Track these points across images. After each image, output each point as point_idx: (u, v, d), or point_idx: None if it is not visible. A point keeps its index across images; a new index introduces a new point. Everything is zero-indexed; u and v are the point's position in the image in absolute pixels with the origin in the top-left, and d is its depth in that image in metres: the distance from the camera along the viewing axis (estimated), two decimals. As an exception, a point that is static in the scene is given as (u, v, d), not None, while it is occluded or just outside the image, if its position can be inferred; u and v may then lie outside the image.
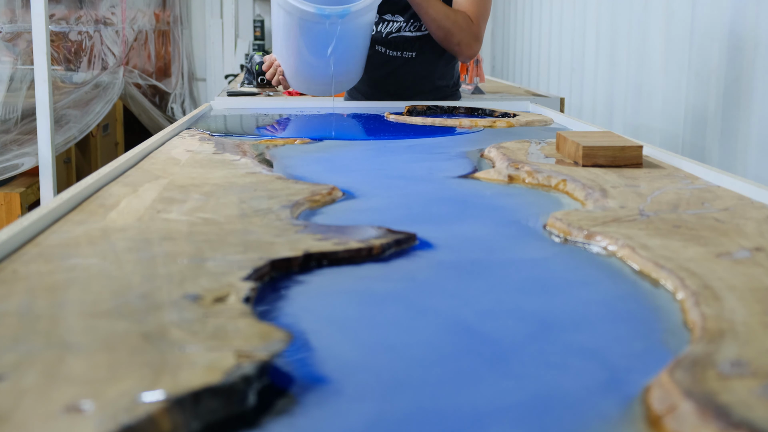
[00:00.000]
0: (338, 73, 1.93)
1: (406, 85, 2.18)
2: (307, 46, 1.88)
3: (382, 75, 2.18)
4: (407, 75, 2.16)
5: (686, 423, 0.43)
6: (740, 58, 2.42)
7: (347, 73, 2.00)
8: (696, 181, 1.07)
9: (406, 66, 2.16)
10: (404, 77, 2.17)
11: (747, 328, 0.55)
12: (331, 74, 1.89)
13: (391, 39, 2.14)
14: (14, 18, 3.36)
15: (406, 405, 0.47)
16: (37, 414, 0.42)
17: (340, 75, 1.96)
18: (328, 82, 1.97)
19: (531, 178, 1.12)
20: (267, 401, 0.47)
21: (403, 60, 2.15)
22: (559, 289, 0.68)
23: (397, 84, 2.18)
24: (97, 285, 0.63)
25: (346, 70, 1.97)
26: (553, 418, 0.45)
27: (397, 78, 2.17)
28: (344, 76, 2.00)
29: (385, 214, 0.95)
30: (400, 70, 2.16)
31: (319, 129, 1.80)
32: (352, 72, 2.02)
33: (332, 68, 1.87)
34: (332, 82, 1.96)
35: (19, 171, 3.14)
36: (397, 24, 2.14)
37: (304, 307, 0.63)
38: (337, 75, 1.93)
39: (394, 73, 2.17)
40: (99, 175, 1.01)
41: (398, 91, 2.18)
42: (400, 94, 2.18)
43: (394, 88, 2.18)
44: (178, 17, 6.02)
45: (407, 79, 2.17)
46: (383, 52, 2.16)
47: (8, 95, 3.18)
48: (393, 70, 2.16)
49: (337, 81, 1.98)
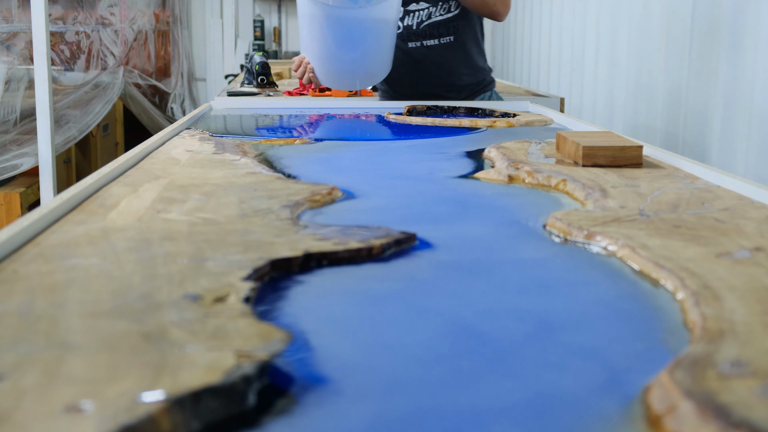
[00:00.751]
0: (367, 66, 1.93)
1: (449, 72, 2.16)
2: (334, 39, 1.88)
3: (424, 68, 2.15)
4: (448, 60, 2.14)
5: (686, 423, 0.43)
6: (740, 58, 2.42)
7: (376, 65, 1.99)
8: (696, 181, 1.07)
9: (445, 52, 2.14)
10: (446, 64, 2.15)
11: (747, 328, 0.55)
12: (342, 65, 1.92)
13: (424, 28, 2.11)
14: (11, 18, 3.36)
15: (406, 405, 0.47)
16: (37, 414, 0.42)
17: (369, 67, 1.96)
18: (357, 76, 1.97)
19: (531, 178, 1.12)
20: (267, 401, 0.47)
21: (442, 46, 2.13)
22: (559, 289, 0.68)
23: (441, 73, 2.15)
24: (97, 285, 0.63)
25: (374, 62, 1.96)
26: (553, 418, 0.45)
27: (439, 66, 2.15)
28: (373, 68, 1.99)
29: (385, 214, 0.95)
30: (440, 58, 2.14)
31: (320, 129, 1.81)
32: (380, 65, 2.00)
33: (346, 59, 1.88)
34: (361, 75, 1.96)
35: (18, 171, 3.14)
36: (426, 11, 2.11)
37: (304, 307, 0.63)
38: (365, 68, 1.93)
39: (435, 62, 2.14)
40: (99, 175, 1.01)
41: (442, 81, 2.16)
42: (445, 84, 2.16)
43: (438, 79, 2.16)
44: (178, 17, 6.02)
45: (450, 66, 2.15)
46: (420, 45, 2.14)
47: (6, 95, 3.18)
48: (434, 59, 2.14)
49: (366, 73, 1.98)
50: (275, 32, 6.55)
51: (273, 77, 2.59)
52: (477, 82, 2.23)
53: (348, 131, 1.81)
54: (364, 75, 1.99)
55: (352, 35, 1.84)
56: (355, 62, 1.92)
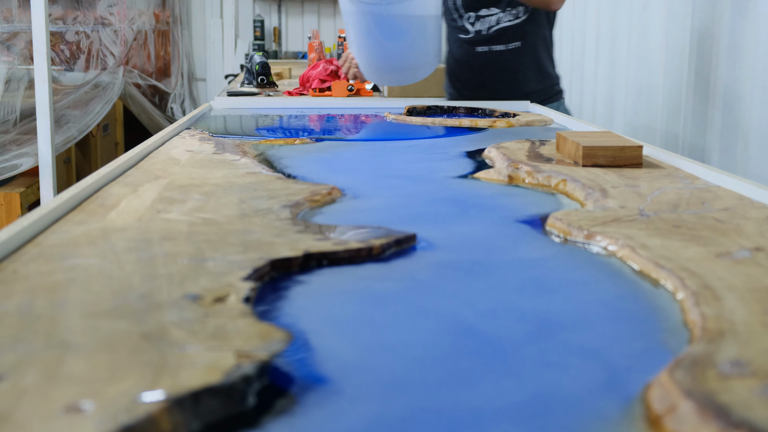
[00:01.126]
0: (409, 62, 1.94)
1: (517, 78, 2.17)
2: (374, 35, 1.88)
3: (493, 73, 2.18)
4: (516, 66, 2.16)
5: (686, 423, 0.43)
6: (740, 58, 2.42)
7: (418, 61, 1.99)
8: (696, 181, 1.07)
9: (513, 57, 2.15)
10: (513, 69, 2.16)
11: (747, 328, 0.55)
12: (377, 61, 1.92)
13: (493, 33, 2.14)
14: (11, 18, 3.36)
15: (406, 405, 0.47)
16: (37, 414, 0.42)
17: (411, 63, 1.96)
18: (399, 72, 1.98)
19: (531, 178, 1.12)
20: (267, 401, 0.47)
21: (510, 51, 2.15)
22: (559, 289, 0.68)
23: (509, 78, 2.17)
24: (97, 285, 0.63)
25: (416, 58, 1.96)
26: (553, 418, 0.45)
27: (507, 71, 2.17)
28: (415, 64, 1.99)
29: (385, 214, 0.95)
30: (508, 63, 2.16)
31: (320, 129, 1.81)
32: (423, 61, 2.00)
33: (387, 55, 1.87)
34: (404, 71, 1.97)
35: (18, 171, 3.13)
36: (495, 16, 2.14)
37: (304, 307, 0.63)
38: (407, 64, 1.94)
39: (503, 67, 2.16)
40: (99, 175, 1.01)
41: (509, 86, 2.17)
42: (512, 89, 2.17)
43: (504, 84, 2.18)
44: (178, 17, 6.02)
45: (517, 71, 2.17)
46: (487, 51, 2.16)
47: (6, 95, 3.18)
48: (501, 64, 2.16)
49: (409, 69, 1.98)
50: (275, 32, 6.55)
51: (273, 77, 2.59)
52: (544, 88, 2.24)
53: (348, 131, 1.81)
54: (408, 71, 1.99)
55: (391, 32, 1.84)
56: (397, 58, 1.93)
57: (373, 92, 2.37)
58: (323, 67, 2.41)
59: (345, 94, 2.27)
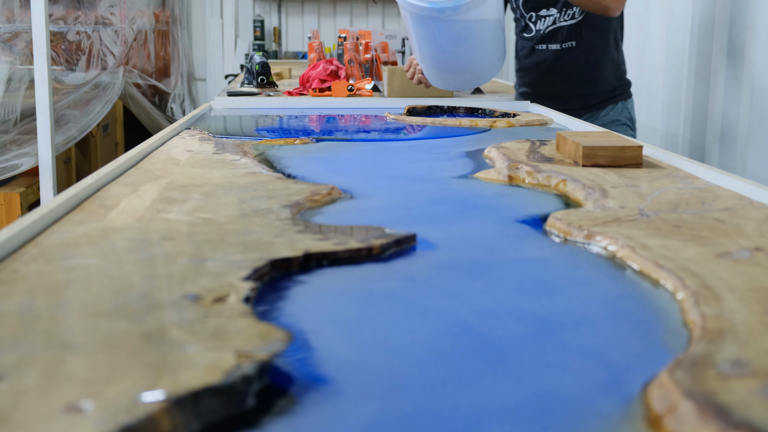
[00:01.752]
0: (471, 67, 1.95)
1: (571, 77, 2.19)
2: (432, 41, 1.88)
3: (545, 70, 2.21)
4: (571, 66, 2.17)
5: (686, 423, 0.43)
6: (740, 58, 2.42)
7: (479, 66, 2.00)
8: (696, 181, 1.07)
9: (567, 57, 2.17)
10: (568, 68, 2.18)
11: (747, 328, 0.55)
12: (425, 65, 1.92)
13: (549, 32, 2.17)
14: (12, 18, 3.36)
15: (406, 405, 0.47)
16: (37, 414, 0.42)
17: (473, 68, 1.97)
18: (461, 77, 2.00)
19: (531, 178, 1.12)
20: (267, 401, 0.47)
21: (564, 51, 2.17)
22: (559, 289, 0.68)
23: (563, 76, 2.19)
24: (97, 285, 0.63)
25: (477, 63, 1.97)
26: (553, 418, 0.45)
27: (562, 70, 2.19)
28: (477, 69, 2.00)
29: (385, 214, 0.95)
30: (562, 62, 2.18)
31: (320, 129, 1.81)
32: (484, 65, 2.01)
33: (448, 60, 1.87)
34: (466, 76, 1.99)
35: (18, 171, 3.13)
36: (552, 17, 2.17)
37: (304, 307, 0.63)
38: (469, 69, 1.95)
39: (557, 66, 2.19)
40: (99, 175, 1.01)
41: (564, 85, 2.20)
42: (567, 88, 2.19)
43: (561, 82, 2.20)
44: (178, 17, 6.02)
45: (572, 70, 2.18)
46: (544, 48, 2.19)
47: (7, 95, 3.18)
48: (555, 63, 2.19)
49: (472, 74, 1.99)
50: (275, 32, 6.55)
51: (273, 77, 2.59)
52: (601, 91, 2.22)
53: (348, 131, 1.81)
54: (471, 74, 2.01)
55: (452, 37, 1.84)
56: (459, 62, 1.94)
57: (373, 92, 2.36)
58: (323, 67, 2.41)
59: (345, 94, 2.27)
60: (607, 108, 2.23)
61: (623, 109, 2.25)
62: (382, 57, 3.29)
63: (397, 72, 2.34)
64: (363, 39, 3.04)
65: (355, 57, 2.56)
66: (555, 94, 2.21)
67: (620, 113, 2.25)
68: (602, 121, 2.21)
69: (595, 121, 2.18)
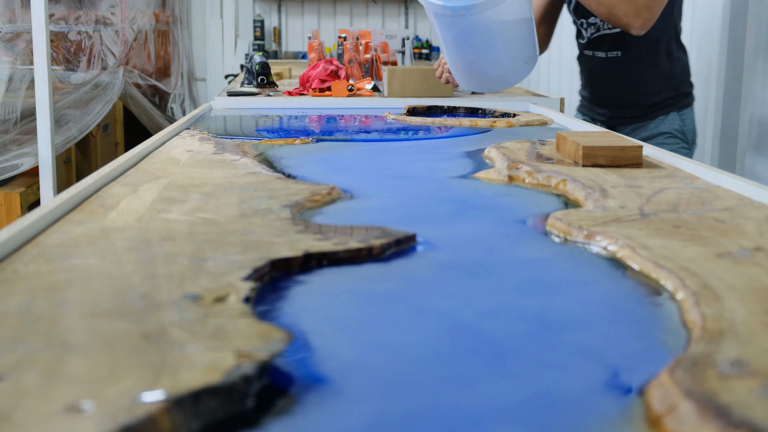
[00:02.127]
0: (495, 70, 1.90)
1: (618, 87, 2.13)
2: (454, 43, 1.84)
3: (594, 77, 2.17)
4: (617, 75, 2.11)
5: (686, 423, 0.43)
6: (740, 58, 2.42)
7: (505, 68, 1.94)
8: (696, 181, 1.07)
9: (613, 66, 2.11)
10: (614, 78, 2.12)
11: (747, 328, 0.55)
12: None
13: (595, 39, 2.12)
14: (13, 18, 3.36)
15: (406, 405, 0.47)
16: (37, 414, 0.42)
17: (497, 72, 1.92)
18: (486, 79, 1.95)
19: (531, 178, 1.12)
20: (267, 401, 0.47)
21: (609, 60, 2.11)
22: (559, 289, 0.68)
23: (609, 85, 2.14)
24: (97, 285, 0.63)
25: (504, 66, 1.92)
26: (553, 418, 0.45)
27: (608, 79, 2.14)
28: (501, 72, 1.94)
29: (385, 214, 0.95)
30: (608, 71, 2.12)
31: (320, 129, 1.81)
32: (512, 68, 1.95)
33: (470, 62, 1.82)
34: (490, 78, 1.94)
35: (18, 171, 3.13)
36: (596, 24, 2.13)
37: (304, 307, 0.63)
38: (493, 71, 1.90)
39: (604, 74, 2.14)
40: (99, 175, 1.01)
41: (613, 93, 2.14)
42: (615, 96, 2.14)
43: (608, 91, 2.15)
44: (178, 17, 6.02)
45: (618, 80, 2.12)
46: (590, 55, 2.15)
47: (7, 95, 3.18)
48: (601, 72, 2.14)
49: (497, 77, 1.94)
50: (275, 32, 6.55)
51: (273, 77, 2.59)
52: (651, 103, 2.13)
53: (348, 131, 1.81)
54: (493, 78, 1.96)
55: (468, 39, 1.79)
56: (479, 65, 1.89)
57: (373, 92, 2.36)
58: (323, 67, 2.41)
59: (345, 94, 2.27)
60: (658, 119, 2.13)
61: (675, 120, 2.13)
62: (382, 57, 3.29)
63: (397, 72, 2.34)
64: (363, 39, 3.04)
65: (355, 57, 2.56)
66: (604, 102, 2.17)
67: (671, 124, 2.13)
68: (650, 133, 2.12)
69: (643, 132, 2.12)
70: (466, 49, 1.85)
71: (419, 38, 6.53)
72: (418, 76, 2.31)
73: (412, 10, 6.62)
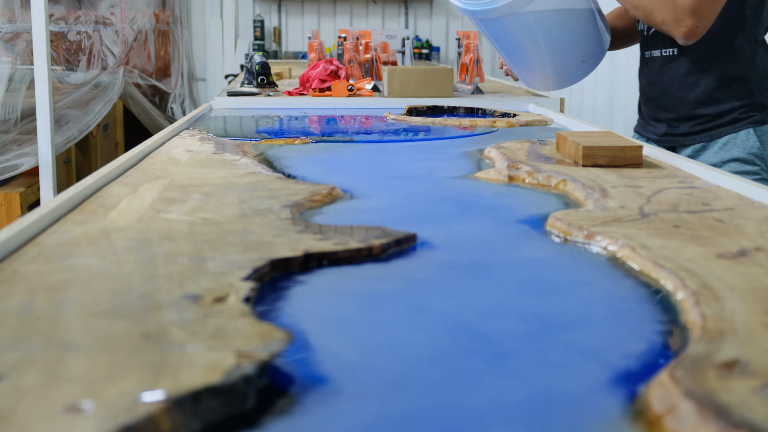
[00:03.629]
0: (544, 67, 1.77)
1: (670, 94, 1.71)
2: (494, 42, 1.75)
3: (644, 85, 1.80)
4: (671, 80, 1.70)
5: (686, 423, 0.43)
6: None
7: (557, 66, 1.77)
8: (696, 181, 1.07)
9: (667, 68, 1.71)
10: (667, 80, 1.71)
11: (747, 328, 0.55)
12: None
13: (650, 35, 1.74)
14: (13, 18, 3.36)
15: (406, 405, 0.47)
16: (37, 414, 0.42)
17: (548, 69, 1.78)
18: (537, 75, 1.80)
19: (531, 178, 1.12)
20: (267, 401, 0.47)
21: (664, 59, 1.71)
22: (559, 289, 0.68)
23: (661, 93, 1.73)
24: (97, 285, 0.63)
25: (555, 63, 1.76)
26: (553, 418, 0.45)
27: (660, 85, 1.73)
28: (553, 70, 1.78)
29: (385, 214, 0.95)
30: (661, 75, 1.73)
31: (320, 129, 1.81)
32: (565, 65, 1.78)
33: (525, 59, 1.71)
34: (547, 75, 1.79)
35: (18, 171, 3.13)
36: None
37: (304, 307, 0.63)
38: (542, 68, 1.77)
39: (656, 79, 1.74)
40: (99, 175, 1.01)
41: (666, 104, 1.72)
42: (666, 108, 1.72)
43: (658, 101, 1.75)
44: (178, 17, 6.02)
45: (672, 83, 1.70)
46: (648, 57, 1.77)
47: (8, 95, 3.18)
48: (655, 76, 1.75)
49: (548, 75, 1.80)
50: (275, 32, 6.55)
51: (273, 77, 2.59)
52: (713, 114, 1.66)
53: (348, 131, 1.81)
54: (545, 75, 1.80)
55: (501, 40, 1.69)
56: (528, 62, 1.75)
57: (373, 92, 2.37)
58: (323, 67, 2.41)
59: (345, 94, 2.27)
60: (726, 138, 1.65)
61: (749, 139, 1.64)
62: (382, 57, 3.29)
63: (397, 72, 2.34)
64: (363, 39, 3.04)
65: (355, 57, 2.56)
66: (657, 114, 1.75)
67: (742, 145, 1.64)
68: (718, 157, 1.65)
69: (707, 155, 1.66)
70: (507, 49, 1.77)
71: (419, 38, 6.53)
72: (418, 76, 2.31)
73: (412, 10, 6.62)
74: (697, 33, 1.54)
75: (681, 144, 1.71)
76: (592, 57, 1.75)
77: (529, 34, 1.68)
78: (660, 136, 1.75)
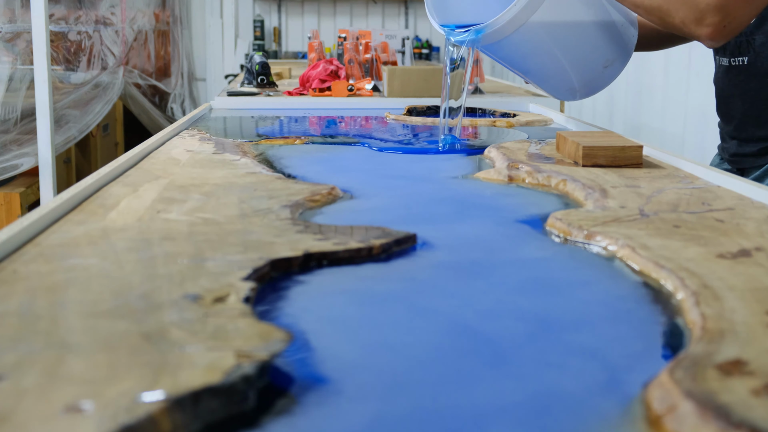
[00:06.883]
0: (574, 77, 1.63)
1: (739, 109, 1.52)
2: (522, 49, 1.56)
3: (717, 95, 1.60)
4: (741, 90, 1.50)
5: (686, 423, 0.43)
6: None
7: (577, 75, 1.63)
8: (696, 181, 1.07)
9: (738, 77, 1.50)
10: (738, 93, 1.51)
11: (747, 328, 0.55)
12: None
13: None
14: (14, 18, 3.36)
15: (406, 405, 0.47)
16: (37, 414, 0.42)
17: (577, 79, 1.64)
18: (567, 87, 1.64)
19: (531, 178, 1.12)
20: (267, 401, 0.47)
21: (735, 69, 1.50)
22: (559, 289, 0.68)
23: (731, 107, 1.54)
24: (97, 285, 0.63)
25: (576, 71, 1.62)
26: (553, 418, 0.45)
27: (731, 96, 1.53)
28: (583, 79, 1.64)
29: (385, 214, 0.95)
30: (731, 87, 1.52)
31: (320, 129, 1.81)
32: (586, 72, 1.64)
33: (545, 68, 1.56)
34: (573, 86, 1.63)
35: (18, 171, 3.13)
36: None
37: (304, 307, 0.63)
38: (573, 78, 1.63)
39: (726, 91, 1.55)
40: (99, 175, 1.01)
41: (732, 118, 1.54)
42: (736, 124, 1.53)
43: (729, 115, 1.56)
44: (178, 17, 6.02)
45: (743, 97, 1.50)
46: (719, 63, 1.57)
47: (8, 95, 3.18)
48: (725, 87, 1.55)
49: (580, 83, 1.66)
50: (275, 32, 6.55)
51: (273, 77, 2.59)
52: None
53: (348, 131, 1.81)
54: (575, 85, 1.65)
55: (522, 53, 1.54)
56: (555, 72, 1.61)
57: (373, 92, 2.36)
58: (323, 67, 2.41)
59: (345, 94, 2.27)
60: None
61: None
62: (382, 57, 3.29)
63: (397, 72, 2.34)
64: (363, 39, 3.04)
65: (355, 57, 2.56)
66: (729, 130, 1.57)
67: None
68: None
69: None
70: (522, 70, 1.64)
71: (419, 38, 6.53)
72: (418, 76, 2.31)
73: (412, 10, 6.62)
74: (725, 33, 1.29)
75: (749, 164, 1.53)
76: (614, 61, 1.58)
77: (532, 53, 1.56)
78: (729, 154, 1.58)
